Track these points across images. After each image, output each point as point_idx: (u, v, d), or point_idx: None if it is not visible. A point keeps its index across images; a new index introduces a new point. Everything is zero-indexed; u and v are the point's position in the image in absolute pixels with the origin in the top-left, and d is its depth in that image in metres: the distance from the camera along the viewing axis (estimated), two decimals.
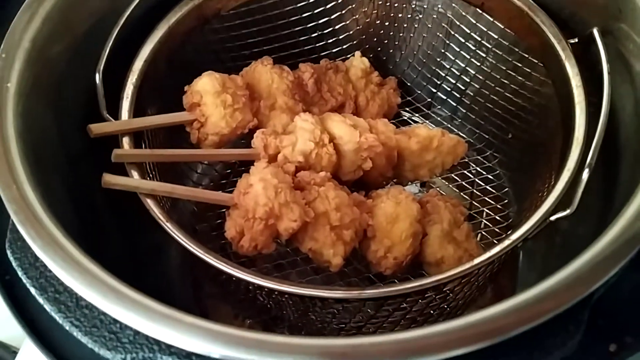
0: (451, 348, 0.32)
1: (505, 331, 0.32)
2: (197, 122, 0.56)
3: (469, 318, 0.33)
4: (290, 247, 0.59)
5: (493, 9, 0.60)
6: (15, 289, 0.42)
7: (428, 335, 0.32)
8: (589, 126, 0.48)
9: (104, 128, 0.49)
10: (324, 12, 0.68)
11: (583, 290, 0.33)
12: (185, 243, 0.45)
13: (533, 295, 0.33)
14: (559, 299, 0.33)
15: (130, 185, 0.46)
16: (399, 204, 0.56)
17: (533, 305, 0.33)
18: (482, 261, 0.44)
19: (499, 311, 0.33)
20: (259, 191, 0.50)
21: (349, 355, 0.31)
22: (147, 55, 0.56)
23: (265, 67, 0.62)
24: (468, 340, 0.32)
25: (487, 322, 0.32)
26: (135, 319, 0.33)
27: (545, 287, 0.34)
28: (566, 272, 0.34)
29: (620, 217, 0.36)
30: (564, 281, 0.34)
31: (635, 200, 0.37)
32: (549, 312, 0.32)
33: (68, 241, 0.37)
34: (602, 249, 0.35)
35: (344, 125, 0.57)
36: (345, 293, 0.44)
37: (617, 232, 0.35)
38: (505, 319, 0.32)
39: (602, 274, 0.33)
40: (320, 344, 0.32)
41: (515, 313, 0.32)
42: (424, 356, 0.31)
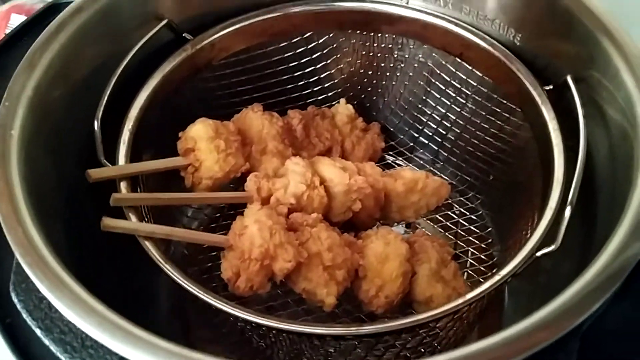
0: None
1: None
2: (191, 166, 0.57)
3: (461, 351, 0.34)
4: (282, 289, 0.60)
5: (471, 58, 0.64)
6: (17, 332, 0.42)
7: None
8: (567, 167, 0.51)
9: (102, 173, 0.50)
10: (309, 61, 0.71)
11: (573, 320, 0.34)
12: (184, 283, 0.46)
13: (523, 327, 0.35)
14: (549, 330, 0.34)
15: (129, 228, 0.47)
16: (389, 244, 0.58)
17: (524, 337, 0.34)
18: (473, 296, 0.45)
19: (491, 344, 0.34)
20: (255, 232, 0.51)
21: None
22: (143, 102, 0.58)
23: (255, 113, 0.64)
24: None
25: (480, 355, 0.34)
26: (144, 357, 0.34)
27: (535, 319, 0.35)
28: (555, 304, 0.36)
29: (604, 251, 0.38)
30: (554, 312, 0.35)
31: (619, 232, 0.39)
32: (540, 342, 0.34)
33: (74, 282, 0.38)
34: (589, 281, 0.37)
35: (334, 168, 0.60)
36: (344, 329, 0.45)
37: (602, 265, 0.37)
38: (497, 351, 0.34)
39: (591, 304, 0.35)
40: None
41: (506, 345, 0.34)
42: None
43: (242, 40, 0.66)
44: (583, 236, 0.48)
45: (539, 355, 0.34)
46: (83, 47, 0.55)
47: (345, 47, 0.72)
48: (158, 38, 0.61)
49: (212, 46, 0.64)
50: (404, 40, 0.69)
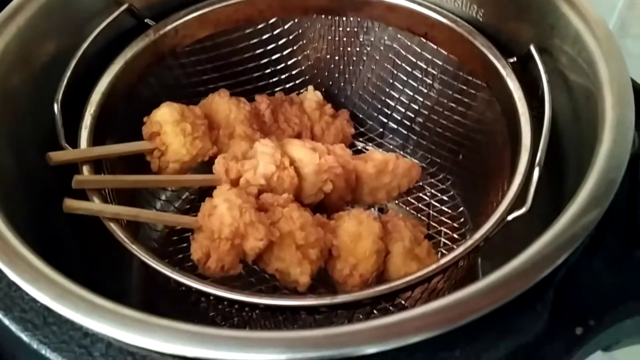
0: (424, 331, 0.32)
1: (475, 311, 0.33)
2: (157, 150, 0.56)
3: (439, 302, 0.34)
4: (254, 276, 0.59)
5: (436, 37, 0.64)
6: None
7: (401, 320, 0.33)
8: (535, 135, 0.51)
9: (63, 156, 0.49)
10: (275, 48, 0.71)
11: (547, 266, 0.34)
12: (153, 263, 0.45)
13: (499, 276, 0.35)
14: (524, 277, 0.34)
15: (92, 210, 0.46)
16: (361, 223, 0.57)
17: (500, 285, 0.34)
18: (448, 260, 0.45)
19: (469, 293, 0.34)
20: (224, 211, 0.50)
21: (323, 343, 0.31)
22: (105, 88, 0.57)
23: (222, 98, 0.63)
24: (440, 323, 0.33)
25: (458, 304, 0.33)
26: (110, 329, 0.33)
27: (509, 268, 0.35)
28: (528, 252, 0.36)
29: (574, 201, 0.38)
30: (528, 261, 0.35)
31: (584, 189, 0.39)
32: (515, 290, 0.34)
33: (33, 255, 0.36)
34: (560, 231, 0.37)
35: (304, 148, 0.59)
36: (317, 301, 0.44)
37: (573, 215, 0.37)
38: (475, 300, 0.34)
39: (562, 252, 0.35)
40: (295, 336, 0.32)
41: (484, 294, 0.34)
42: (397, 340, 0.32)
43: (206, 27, 0.65)
44: (552, 198, 0.48)
45: (517, 305, 0.34)
46: (42, 31, 0.53)
47: (311, 33, 0.71)
48: (120, 24, 0.60)
49: (175, 32, 0.63)
50: (369, 23, 0.69)
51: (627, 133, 0.41)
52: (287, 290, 0.59)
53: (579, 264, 0.39)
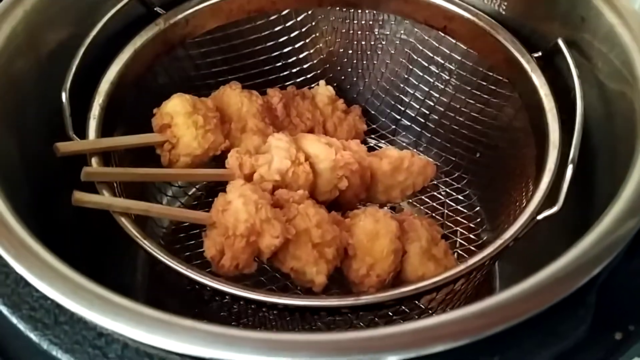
0: (465, 336, 0.30)
1: (517, 316, 0.31)
2: (168, 143, 0.54)
3: (480, 305, 0.32)
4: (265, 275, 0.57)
5: (455, 31, 0.62)
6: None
7: (441, 323, 0.31)
8: (562, 131, 0.50)
9: (71, 147, 0.46)
10: (287, 41, 0.69)
11: (590, 269, 0.32)
12: (164, 258, 0.43)
13: (541, 279, 0.33)
14: (568, 281, 0.32)
15: (103, 203, 0.44)
16: (378, 222, 0.55)
17: (543, 289, 0.32)
18: (477, 261, 0.43)
19: (511, 295, 0.32)
20: (239, 207, 0.48)
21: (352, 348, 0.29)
22: (113, 77, 0.55)
23: (234, 90, 0.61)
24: (480, 328, 0.31)
25: (500, 309, 0.31)
26: (128, 329, 0.30)
27: (551, 271, 0.33)
28: (570, 255, 0.34)
29: (614, 205, 0.36)
30: (571, 264, 0.33)
31: (626, 190, 0.37)
32: (560, 293, 0.32)
33: (43, 250, 0.34)
34: (602, 234, 0.35)
35: (319, 143, 0.57)
36: (340, 301, 0.42)
37: (614, 218, 0.36)
38: (519, 303, 0.31)
39: (606, 256, 0.33)
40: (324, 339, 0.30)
41: (526, 297, 0.32)
42: (439, 344, 0.30)
43: (217, 17, 0.63)
44: (579, 199, 0.46)
45: (559, 310, 0.32)
46: (50, 16, 0.51)
47: (325, 25, 0.69)
48: (129, 11, 0.57)
49: (186, 22, 0.61)
50: (384, 16, 0.67)
51: None
52: (299, 290, 0.57)
53: (619, 268, 0.37)
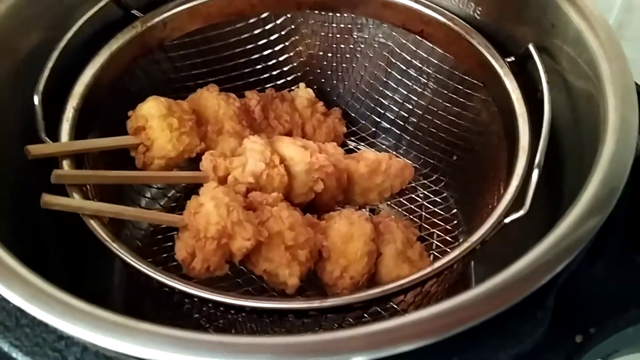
0: (420, 338, 0.31)
1: (474, 317, 0.31)
2: (142, 145, 0.54)
3: (437, 307, 0.32)
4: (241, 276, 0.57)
5: (432, 35, 0.63)
6: None
7: (400, 325, 0.31)
8: (533, 136, 0.50)
9: (42, 149, 0.47)
10: (267, 44, 0.69)
11: (549, 270, 0.33)
12: (135, 263, 0.43)
13: (500, 281, 0.33)
14: (526, 283, 0.33)
15: (72, 206, 0.44)
16: (353, 224, 0.55)
17: (501, 290, 0.32)
18: (443, 263, 0.43)
19: (467, 299, 0.32)
20: (211, 209, 0.48)
21: (318, 350, 0.29)
22: (89, 80, 0.55)
23: (211, 93, 0.61)
24: (437, 329, 0.31)
25: (456, 310, 0.32)
26: (86, 332, 0.31)
27: (510, 273, 0.33)
28: (529, 257, 0.34)
29: (575, 207, 0.37)
30: (530, 266, 0.34)
31: (587, 193, 0.38)
32: (518, 295, 0.32)
33: (6, 254, 0.34)
34: (561, 236, 0.35)
35: (294, 146, 0.57)
36: (306, 304, 0.43)
37: (574, 220, 0.36)
38: (474, 305, 0.32)
39: (565, 256, 0.34)
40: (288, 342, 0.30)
41: (483, 299, 0.32)
42: (392, 347, 0.30)
43: (196, 20, 0.63)
44: (549, 201, 0.47)
45: (517, 312, 0.32)
46: (25, 19, 0.51)
47: (304, 29, 0.70)
48: (105, 14, 0.58)
49: (164, 25, 0.61)
50: (363, 20, 0.68)
51: (630, 136, 0.40)
52: (274, 292, 0.57)
53: (579, 270, 0.38)
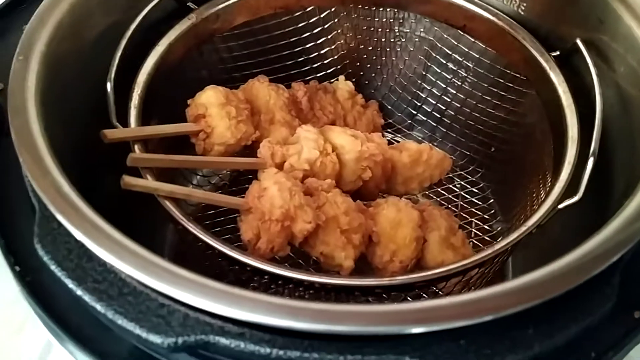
0: (506, 308, 0.33)
1: (552, 291, 0.34)
2: (203, 132, 0.56)
3: (520, 281, 0.34)
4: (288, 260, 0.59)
5: (474, 30, 0.65)
6: (39, 289, 0.40)
7: (485, 296, 0.33)
8: (580, 126, 0.52)
9: (117, 134, 0.49)
10: (310, 37, 0.71)
11: (616, 251, 0.35)
12: (211, 240, 0.45)
13: (573, 259, 0.36)
14: (597, 262, 0.35)
15: (149, 187, 0.46)
16: (400, 211, 0.57)
17: (575, 269, 0.35)
18: (503, 246, 0.46)
19: (546, 274, 0.35)
20: (275, 193, 0.50)
21: (416, 320, 0.32)
22: (150, 69, 0.57)
23: (262, 84, 0.63)
24: (519, 301, 0.34)
25: (533, 285, 0.34)
26: (194, 299, 0.33)
27: (582, 252, 0.36)
28: (598, 239, 0.37)
29: (636, 195, 0.39)
30: (598, 247, 0.36)
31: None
32: (590, 272, 0.34)
33: (109, 227, 0.36)
34: (627, 218, 0.38)
35: (346, 135, 0.59)
36: (375, 281, 0.45)
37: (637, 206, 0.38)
38: (550, 280, 0.34)
39: (630, 239, 0.36)
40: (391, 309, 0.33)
41: (560, 276, 0.35)
42: (485, 315, 0.32)
43: (246, 12, 0.66)
44: (600, 191, 0.49)
45: (588, 288, 0.35)
46: (92, 8, 0.53)
47: (346, 23, 0.72)
48: (165, 6, 0.60)
49: (216, 17, 0.64)
50: (405, 14, 0.70)
51: None
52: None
53: (638, 253, 0.40)
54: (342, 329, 0.32)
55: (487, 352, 0.33)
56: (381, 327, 0.32)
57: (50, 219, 0.39)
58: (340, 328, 0.32)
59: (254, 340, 0.34)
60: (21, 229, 0.43)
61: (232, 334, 0.34)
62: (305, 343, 0.34)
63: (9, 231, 0.43)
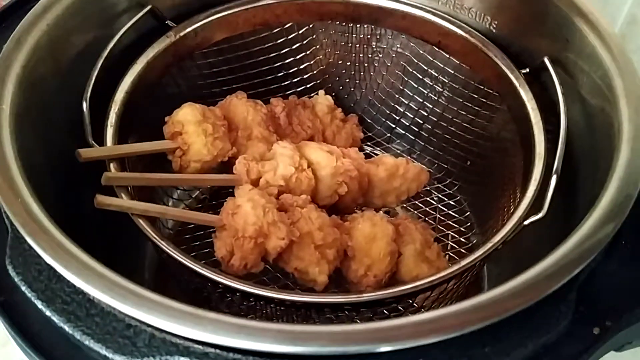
0: (460, 328, 0.34)
1: (507, 310, 0.35)
2: (179, 149, 0.57)
3: (473, 301, 0.35)
4: (267, 275, 0.60)
5: (449, 46, 0.66)
6: (12, 309, 0.41)
7: (437, 317, 0.34)
8: (547, 143, 0.54)
9: (92, 153, 0.50)
10: (289, 52, 0.72)
11: (572, 269, 0.36)
12: (183, 259, 0.46)
13: (528, 277, 0.37)
14: (552, 279, 0.36)
15: (123, 206, 0.47)
16: (375, 225, 0.59)
17: (530, 286, 0.36)
18: (469, 262, 0.47)
19: (501, 292, 0.36)
20: (248, 211, 0.51)
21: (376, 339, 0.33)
22: (128, 86, 0.58)
23: (240, 100, 0.65)
24: (474, 320, 0.35)
25: (492, 304, 0.35)
26: (159, 321, 0.34)
27: (537, 270, 0.37)
28: (554, 256, 0.38)
29: (595, 209, 0.40)
30: (554, 265, 0.37)
31: (605, 196, 0.41)
32: (545, 290, 0.35)
33: (77, 249, 0.37)
34: (583, 237, 0.39)
35: (321, 151, 0.60)
36: (344, 298, 0.46)
37: (595, 222, 0.40)
38: (506, 299, 0.35)
39: (587, 256, 0.37)
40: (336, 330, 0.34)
41: (515, 294, 0.36)
42: (435, 335, 0.33)
43: (224, 29, 0.67)
44: (562, 206, 0.50)
45: (543, 306, 0.36)
46: (70, 28, 0.55)
47: (325, 39, 0.73)
48: (143, 24, 0.61)
49: (195, 34, 0.65)
50: (382, 30, 0.71)
51: None
52: (299, 289, 0.60)
53: (597, 268, 0.41)
54: (299, 349, 0.33)
55: None
56: (340, 347, 0.33)
57: (21, 240, 0.40)
58: (298, 349, 0.33)
59: None
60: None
61: (197, 354, 0.35)
62: None
63: None
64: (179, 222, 0.67)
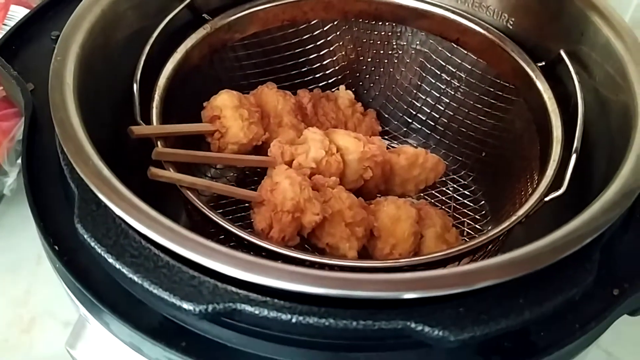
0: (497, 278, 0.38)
1: (539, 264, 0.39)
2: (218, 132, 0.61)
3: (509, 256, 0.39)
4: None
5: (467, 43, 0.70)
6: (76, 267, 0.44)
7: (479, 268, 0.38)
8: (564, 129, 0.58)
9: (143, 130, 0.53)
10: (313, 48, 0.76)
11: (595, 230, 0.40)
12: (231, 228, 0.49)
13: (557, 237, 0.40)
14: (577, 239, 0.40)
15: (174, 178, 0.50)
16: (400, 208, 0.62)
17: (559, 245, 0.40)
18: (494, 234, 0.50)
19: (534, 249, 0.40)
20: (287, 187, 0.55)
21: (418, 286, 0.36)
22: (169, 72, 0.62)
23: (271, 90, 0.68)
24: (510, 272, 0.38)
25: (524, 257, 0.39)
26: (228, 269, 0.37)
27: (565, 231, 0.41)
28: (580, 219, 0.42)
29: (614, 182, 0.44)
30: (580, 227, 0.41)
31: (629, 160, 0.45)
32: (571, 248, 0.39)
33: (148, 207, 0.40)
34: (607, 200, 0.43)
35: (349, 137, 0.64)
36: (379, 263, 0.49)
37: (616, 188, 0.44)
38: (539, 255, 0.39)
39: (607, 221, 0.41)
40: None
41: (546, 251, 0.39)
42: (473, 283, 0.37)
43: (256, 24, 0.71)
44: (582, 187, 0.54)
45: (572, 263, 0.40)
46: (120, 15, 0.58)
47: (347, 35, 0.77)
48: (182, 17, 0.64)
49: (228, 27, 0.68)
50: (402, 28, 0.75)
51: None
52: None
53: (616, 236, 0.45)
54: (355, 293, 0.36)
55: (483, 317, 0.38)
56: (384, 293, 0.36)
57: (89, 202, 0.43)
58: (353, 293, 0.36)
59: (276, 307, 0.38)
60: (57, 215, 0.47)
61: (256, 302, 0.38)
62: (322, 310, 0.38)
63: (46, 216, 0.47)
64: (210, 199, 0.69)
